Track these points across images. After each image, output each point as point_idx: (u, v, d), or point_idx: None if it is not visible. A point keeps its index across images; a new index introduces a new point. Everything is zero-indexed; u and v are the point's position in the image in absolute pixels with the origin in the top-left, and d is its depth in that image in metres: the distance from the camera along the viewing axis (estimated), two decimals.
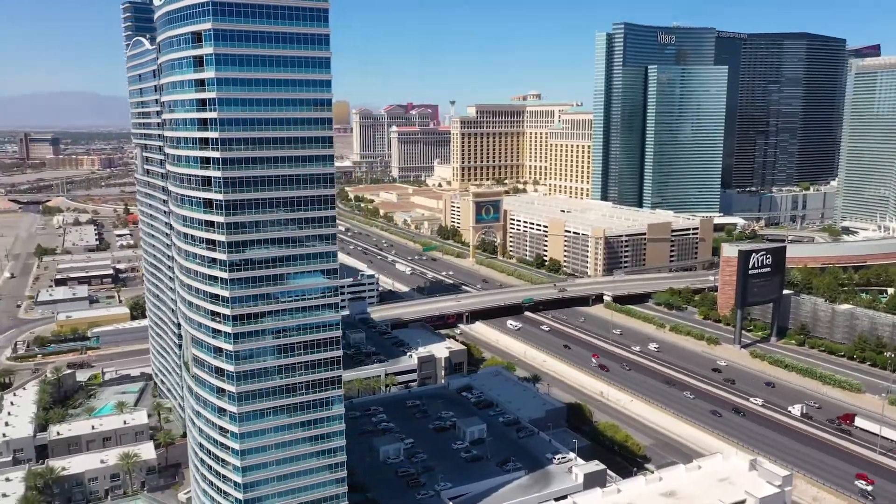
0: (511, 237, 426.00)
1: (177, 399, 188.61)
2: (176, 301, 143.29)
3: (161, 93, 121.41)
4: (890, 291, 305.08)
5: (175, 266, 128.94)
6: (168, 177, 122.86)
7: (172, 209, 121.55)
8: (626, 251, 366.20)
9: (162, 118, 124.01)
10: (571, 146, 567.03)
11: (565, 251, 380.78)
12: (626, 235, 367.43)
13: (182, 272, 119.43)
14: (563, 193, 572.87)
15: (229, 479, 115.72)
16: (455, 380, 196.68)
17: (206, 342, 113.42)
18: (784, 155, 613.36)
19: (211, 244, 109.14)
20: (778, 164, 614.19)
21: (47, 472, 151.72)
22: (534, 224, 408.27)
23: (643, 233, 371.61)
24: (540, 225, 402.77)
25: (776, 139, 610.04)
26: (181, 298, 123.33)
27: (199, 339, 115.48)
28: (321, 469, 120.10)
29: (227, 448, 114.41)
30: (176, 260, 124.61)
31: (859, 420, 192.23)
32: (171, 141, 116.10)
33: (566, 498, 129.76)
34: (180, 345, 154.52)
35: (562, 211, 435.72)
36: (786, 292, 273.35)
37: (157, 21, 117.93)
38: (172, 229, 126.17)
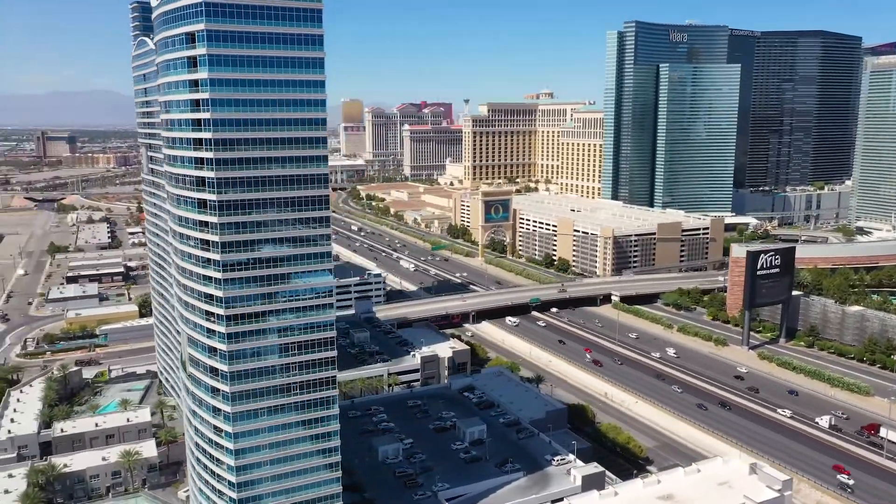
0: (520, 236, 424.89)
1: (180, 397, 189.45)
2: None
3: (159, 93, 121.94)
4: None
5: (172, 266, 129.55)
6: (165, 177, 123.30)
7: (169, 209, 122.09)
8: (636, 251, 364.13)
9: (160, 118, 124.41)
10: (583, 145, 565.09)
11: (574, 251, 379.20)
12: (636, 235, 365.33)
13: (178, 272, 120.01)
14: (575, 192, 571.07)
15: (224, 479, 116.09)
16: (457, 380, 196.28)
17: (201, 342, 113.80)
18: (798, 154, 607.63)
19: (205, 244, 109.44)
20: (792, 164, 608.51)
21: (49, 469, 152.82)
22: (543, 223, 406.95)
23: (653, 232, 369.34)
24: (549, 224, 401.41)
25: (790, 138, 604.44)
26: (177, 298, 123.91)
27: (195, 339, 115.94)
28: (316, 469, 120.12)
29: (222, 447, 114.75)
30: (173, 259, 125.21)
31: (884, 430, 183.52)
32: (168, 141, 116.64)
33: (563, 500, 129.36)
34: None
35: (572, 210, 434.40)
36: (795, 293, 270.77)
37: (155, 21, 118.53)
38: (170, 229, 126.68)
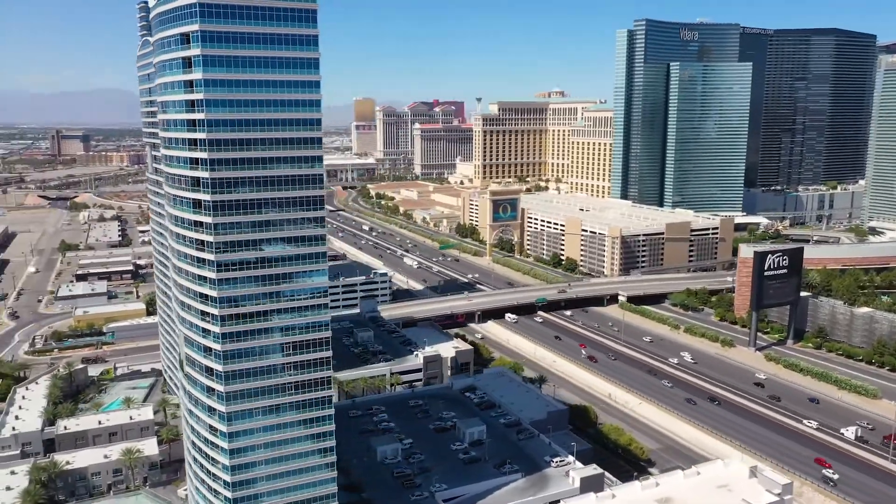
0: (528, 236, 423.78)
1: None
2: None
3: (157, 93, 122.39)
4: None
5: (170, 265, 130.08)
6: (163, 177, 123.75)
7: (166, 209, 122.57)
8: (644, 251, 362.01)
9: (158, 118, 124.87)
10: (593, 144, 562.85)
11: (582, 250, 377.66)
12: (644, 235, 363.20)
13: (175, 271, 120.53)
14: (585, 192, 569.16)
15: (219, 478, 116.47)
16: (459, 380, 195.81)
17: (197, 341, 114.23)
18: (811, 153, 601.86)
19: (200, 244, 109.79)
20: (804, 163, 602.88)
21: (51, 467, 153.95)
22: (551, 223, 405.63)
23: (661, 232, 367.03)
24: (557, 223, 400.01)
25: (803, 137, 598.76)
26: (175, 297, 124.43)
27: (191, 339, 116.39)
28: (311, 469, 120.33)
29: (217, 447, 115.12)
30: (170, 259, 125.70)
31: None
32: (165, 141, 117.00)
33: (560, 502, 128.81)
34: None
35: (580, 209, 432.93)
36: (803, 294, 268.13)
37: (152, 22, 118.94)
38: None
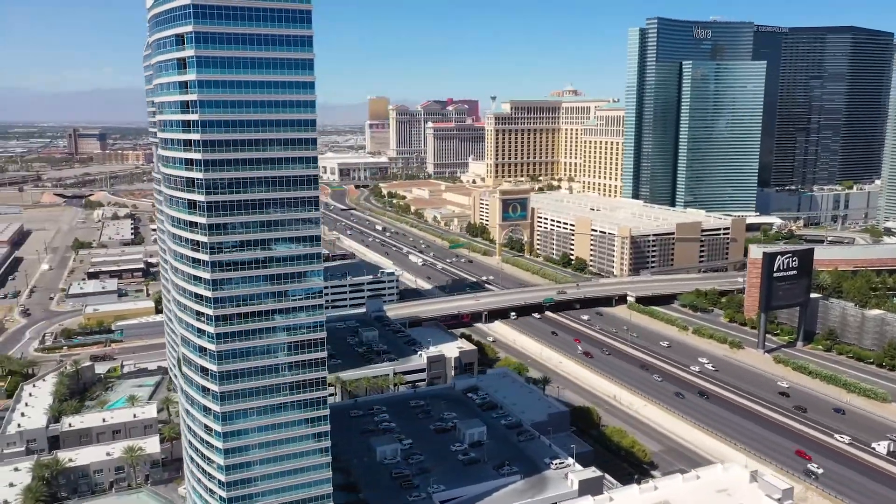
0: (538, 235, 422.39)
1: None
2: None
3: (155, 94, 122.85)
4: None
5: (168, 266, 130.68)
6: (161, 177, 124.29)
7: (164, 209, 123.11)
8: (654, 251, 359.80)
9: (156, 119, 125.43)
10: (605, 143, 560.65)
11: (591, 250, 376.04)
12: (654, 235, 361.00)
13: (172, 271, 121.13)
14: (597, 191, 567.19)
15: (214, 477, 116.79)
16: (462, 380, 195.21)
17: (192, 341, 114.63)
18: (826, 153, 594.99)
19: (195, 245, 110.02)
20: (819, 162, 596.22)
21: (54, 464, 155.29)
22: (561, 222, 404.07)
23: (671, 232, 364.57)
24: (567, 223, 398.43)
25: (818, 136, 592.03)
26: (173, 297, 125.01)
27: (186, 338, 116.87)
28: (306, 469, 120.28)
29: (212, 446, 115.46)
30: (168, 260, 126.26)
31: None
32: (162, 142, 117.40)
33: None
34: None
35: (591, 209, 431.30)
36: (814, 296, 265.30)
37: (150, 23, 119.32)
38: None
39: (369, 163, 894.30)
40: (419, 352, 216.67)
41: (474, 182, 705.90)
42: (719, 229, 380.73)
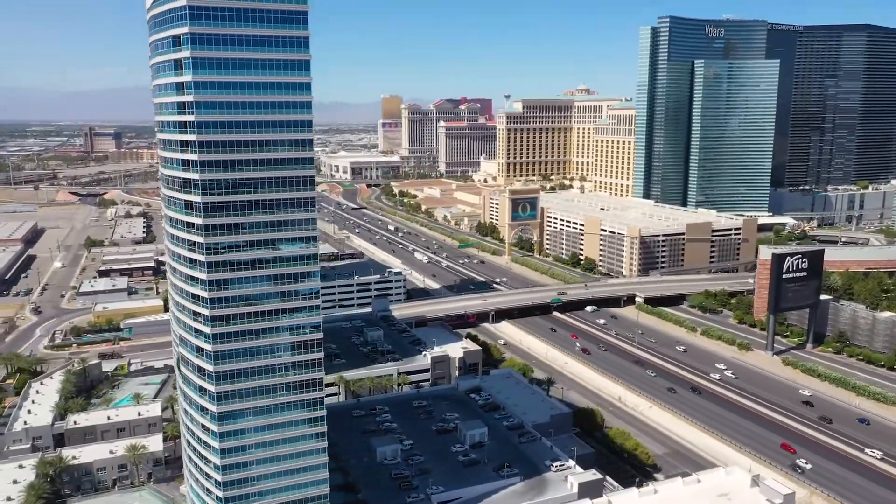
0: (548, 235, 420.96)
1: None
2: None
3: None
4: None
5: (167, 266, 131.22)
6: (160, 178, 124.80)
7: (164, 210, 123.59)
8: (663, 251, 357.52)
9: (155, 120, 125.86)
10: (616, 142, 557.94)
11: (601, 250, 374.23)
12: (664, 235, 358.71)
13: (170, 272, 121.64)
14: (608, 190, 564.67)
15: (211, 477, 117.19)
16: (465, 381, 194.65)
17: (189, 341, 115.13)
18: (841, 152, 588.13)
19: (192, 245, 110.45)
20: (834, 162, 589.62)
21: (57, 461, 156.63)
22: (570, 222, 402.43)
23: (682, 232, 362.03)
24: (576, 223, 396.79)
25: (833, 136, 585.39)
26: (171, 297, 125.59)
27: (184, 338, 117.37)
28: (303, 470, 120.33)
29: (209, 446, 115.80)
30: (167, 260, 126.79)
31: None
32: (161, 143, 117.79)
33: None
34: None
35: (601, 209, 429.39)
36: (824, 298, 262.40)
37: (148, 24, 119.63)
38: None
39: (381, 162, 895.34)
40: (423, 352, 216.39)
41: (486, 181, 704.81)
42: (730, 230, 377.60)
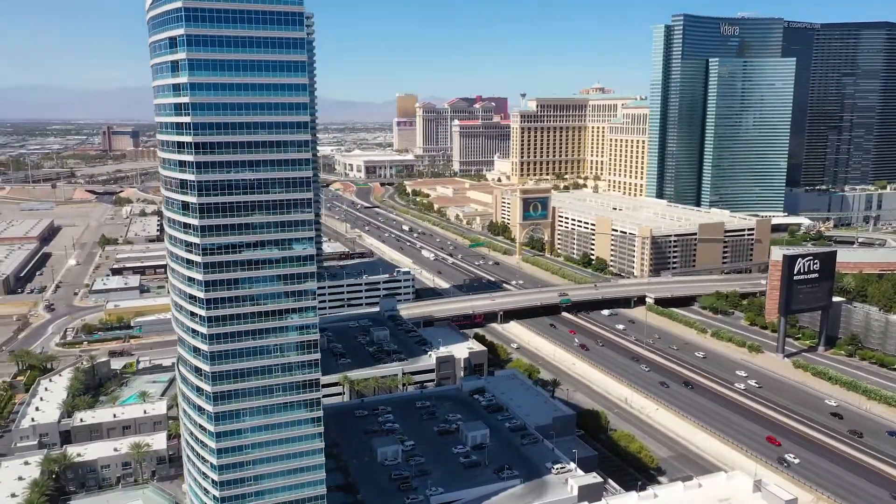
0: (559, 235, 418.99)
1: None
2: None
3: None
4: None
5: (167, 266, 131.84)
6: (160, 179, 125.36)
7: (163, 211, 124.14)
8: (675, 252, 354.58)
9: (155, 121, 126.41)
10: (630, 141, 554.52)
11: (612, 250, 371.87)
12: (676, 235, 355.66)
13: (169, 272, 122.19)
14: (622, 189, 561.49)
15: (208, 476, 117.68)
16: (469, 381, 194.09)
17: (187, 341, 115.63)
18: (858, 152, 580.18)
19: (189, 246, 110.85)
20: (851, 162, 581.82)
21: (62, 459, 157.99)
22: (582, 222, 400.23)
23: (694, 233, 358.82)
24: (587, 223, 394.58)
25: (850, 135, 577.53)
26: (171, 297, 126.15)
27: (182, 338, 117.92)
28: (300, 470, 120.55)
29: (206, 445, 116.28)
30: (167, 261, 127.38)
31: None
32: (160, 144, 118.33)
33: None
34: None
35: (613, 209, 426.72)
36: (836, 299, 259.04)
37: (148, 25, 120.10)
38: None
39: (395, 160, 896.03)
40: (429, 352, 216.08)
41: (499, 180, 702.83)
42: (743, 230, 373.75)
